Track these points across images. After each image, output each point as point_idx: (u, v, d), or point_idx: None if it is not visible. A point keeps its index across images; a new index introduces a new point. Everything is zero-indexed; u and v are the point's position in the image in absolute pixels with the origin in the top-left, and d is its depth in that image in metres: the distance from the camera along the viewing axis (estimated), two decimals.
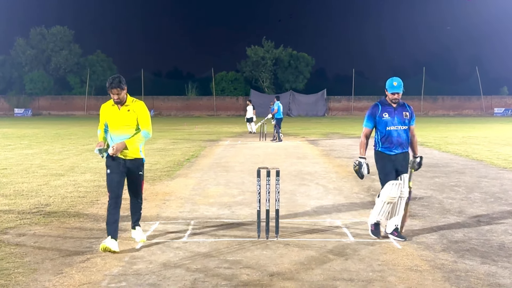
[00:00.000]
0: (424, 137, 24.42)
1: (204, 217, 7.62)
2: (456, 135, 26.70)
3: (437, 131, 30.65)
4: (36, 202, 8.65)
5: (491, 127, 36.02)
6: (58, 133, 27.94)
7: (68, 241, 6.25)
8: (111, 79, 5.92)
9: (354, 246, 6.09)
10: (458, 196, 9.32)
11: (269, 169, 6.50)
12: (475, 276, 5.02)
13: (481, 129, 33.17)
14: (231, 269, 5.23)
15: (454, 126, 37.63)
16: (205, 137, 25.81)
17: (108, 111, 6.09)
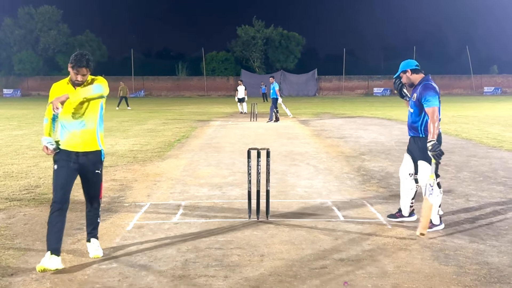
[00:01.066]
0: None
1: (195, 198, 7.62)
2: (446, 114, 26.76)
3: None
4: (26, 183, 8.61)
5: (480, 106, 36.17)
6: None
7: None
8: (80, 56, 4.76)
9: (344, 225, 6.12)
10: (448, 175, 9.37)
11: (259, 149, 6.49)
12: (463, 255, 5.07)
13: (470, 108, 33.29)
14: (222, 249, 5.24)
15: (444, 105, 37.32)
16: (196, 117, 25.74)
17: (62, 93, 4.81)
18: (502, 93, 66.30)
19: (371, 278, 4.47)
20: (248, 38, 74.76)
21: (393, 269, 4.68)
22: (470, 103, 40.61)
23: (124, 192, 7.97)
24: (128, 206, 7.10)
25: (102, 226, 6.04)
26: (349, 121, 22.89)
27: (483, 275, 4.54)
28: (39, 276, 4.50)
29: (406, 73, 6.21)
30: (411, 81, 6.21)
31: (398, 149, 13.00)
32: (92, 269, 4.70)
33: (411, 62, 6.25)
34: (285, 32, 76.16)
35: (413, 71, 6.17)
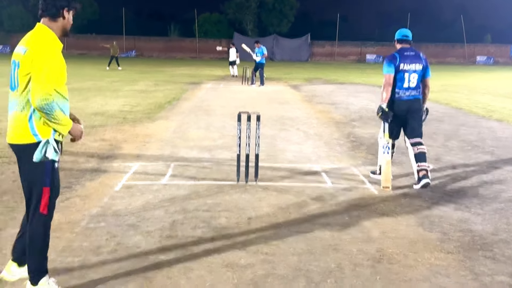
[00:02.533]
0: None
1: (184, 160, 7.63)
2: (437, 83, 26.76)
3: None
4: None
5: (472, 75, 36.15)
6: None
7: None
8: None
9: (331, 191, 6.17)
10: (436, 143, 9.43)
11: (249, 113, 6.47)
12: (448, 222, 5.14)
13: (462, 77, 33.27)
14: (209, 212, 5.27)
15: (435, 74, 37.46)
16: (187, 79, 25.54)
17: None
18: (494, 63, 66.23)
19: (356, 243, 4.53)
20: (242, 0, 73.78)
21: (378, 235, 4.74)
22: (462, 72, 40.59)
23: (113, 152, 7.95)
24: (117, 166, 7.09)
25: (91, 186, 6.06)
26: (341, 87, 22.82)
27: (466, 242, 4.62)
28: None
29: (395, 42, 6.78)
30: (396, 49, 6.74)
31: None
32: (80, 227, 4.72)
33: (400, 32, 6.75)
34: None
35: (398, 41, 6.72)
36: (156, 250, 4.28)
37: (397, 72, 6.49)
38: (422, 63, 6.60)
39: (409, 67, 6.50)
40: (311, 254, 4.27)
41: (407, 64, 6.50)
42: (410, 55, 6.56)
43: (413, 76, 6.52)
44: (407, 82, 6.51)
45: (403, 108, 6.53)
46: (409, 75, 6.50)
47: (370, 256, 4.26)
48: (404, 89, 6.53)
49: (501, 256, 4.35)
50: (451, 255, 4.33)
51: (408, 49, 6.65)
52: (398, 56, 6.53)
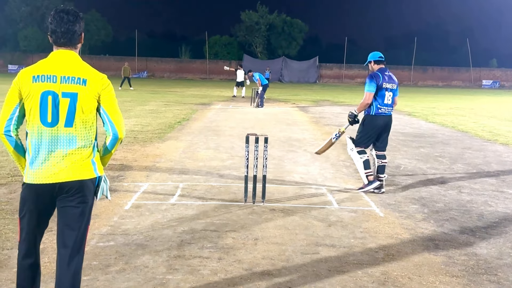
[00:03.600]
0: (412, 107, 24.47)
1: (193, 180, 7.64)
2: (444, 106, 26.77)
3: (425, 101, 30.69)
4: None
5: (478, 99, 36.11)
6: None
7: None
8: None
9: (337, 213, 6.15)
10: (442, 166, 9.40)
11: (258, 135, 6.50)
12: (453, 245, 5.11)
13: (468, 100, 33.24)
14: (217, 232, 5.27)
15: (442, 97, 37.67)
16: (197, 100, 25.69)
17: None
18: (500, 87, 66.14)
19: (361, 265, 4.50)
20: (252, 23, 74.39)
21: (383, 257, 4.71)
22: (468, 96, 40.54)
23: (123, 172, 7.99)
24: (127, 185, 7.12)
25: (101, 205, 6.07)
26: (348, 109, 22.76)
27: (471, 266, 4.58)
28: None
29: (370, 63, 7.34)
30: (373, 69, 7.28)
31: (394, 138, 13.00)
32: (89, 246, 4.73)
33: (375, 54, 7.34)
34: (288, 18, 75.72)
35: (375, 62, 7.28)
36: (164, 269, 4.28)
37: (380, 89, 7.04)
38: (395, 83, 7.25)
39: (389, 85, 7.10)
40: (316, 276, 4.25)
41: (388, 83, 7.08)
42: (388, 75, 7.17)
43: (390, 94, 7.13)
44: (386, 99, 7.10)
45: (382, 122, 7.16)
46: (388, 93, 7.09)
47: (375, 278, 4.24)
48: (384, 105, 7.12)
49: (505, 280, 4.31)
50: (456, 279, 4.29)
51: (386, 70, 7.25)
52: (380, 75, 7.08)
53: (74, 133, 2.97)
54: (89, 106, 2.99)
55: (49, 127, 2.94)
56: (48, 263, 4.28)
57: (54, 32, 3.01)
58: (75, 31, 3.04)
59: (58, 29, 3.00)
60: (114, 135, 3.11)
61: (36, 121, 2.96)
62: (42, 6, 73.46)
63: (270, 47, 76.25)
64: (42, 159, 2.96)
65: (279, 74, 65.96)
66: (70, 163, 2.99)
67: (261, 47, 75.62)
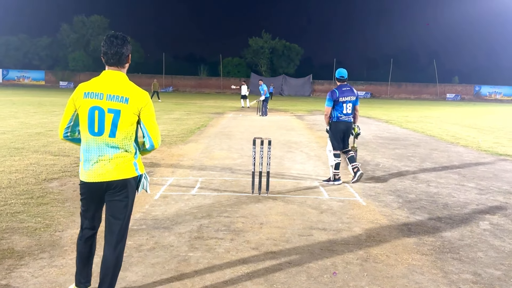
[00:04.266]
0: (389, 116, 24.36)
1: (210, 175, 7.64)
2: (415, 115, 26.62)
3: (399, 111, 30.54)
4: (76, 159, 8.64)
5: (442, 109, 35.89)
6: None
7: None
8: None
9: (328, 202, 6.13)
10: (413, 164, 9.35)
11: (262, 139, 6.49)
12: (423, 229, 5.07)
13: (435, 110, 33.04)
14: (229, 217, 5.27)
15: (413, 107, 37.46)
16: (213, 110, 25.68)
17: None
18: (461, 99, 65.74)
19: (348, 245, 4.48)
20: (258, 47, 74.44)
21: (365, 238, 4.69)
22: (435, 107, 40.32)
23: (153, 168, 8.00)
24: (156, 179, 7.12)
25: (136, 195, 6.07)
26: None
27: (437, 246, 4.55)
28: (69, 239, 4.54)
29: (335, 79, 7.35)
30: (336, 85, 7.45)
31: (374, 141, 12.96)
32: None
33: (338, 72, 7.43)
34: (287, 43, 75.64)
35: (337, 79, 7.41)
36: (186, 248, 4.28)
37: (337, 102, 7.23)
38: (354, 95, 7.34)
39: (346, 98, 7.24)
40: (311, 254, 4.24)
41: (344, 97, 7.23)
42: (346, 90, 7.28)
43: (348, 105, 7.29)
44: (345, 109, 7.28)
45: (343, 127, 7.36)
46: (346, 104, 7.26)
47: (359, 256, 4.22)
48: (343, 114, 7.30)
49: (465, 258, 4.28)
50: (425, 257, 4.27)
51: (345, 85, 7.34)
52: (337, 92, 7.23)
53: (116, 143, 2.98)
54: (130, 121, 2.97)
55: (96, 136, 2.97)
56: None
57: (105, 54, 3.01)
58: (122, 53, 3.02)
59: (109, 51, 3.00)
60: (151, 145, 3.12)
61: (85, 131, 2.99)
62: (87, 33, 73.78)
63: (273, 67, 76.19)
64: (92, 162, 2.99)
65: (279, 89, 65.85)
66: (115, 165, 3.00)
67: (265, 66, 75.56)
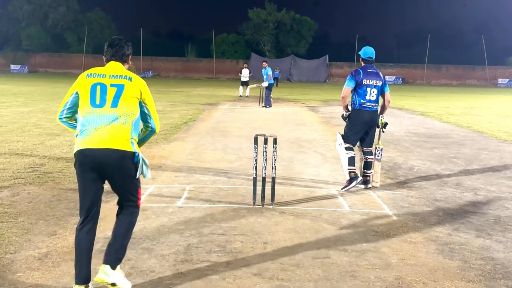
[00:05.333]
0: (425, 107, 24.38)
1: (200, 182, 7.65)
2: (458, 105, 26.65)
3: (439, 100, 30.57)
4: (31, 161, 8.67)
5: (494, 98, 35.93)
6: (54, 92, 27.81)
7: (63, 202, 6.28)
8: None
9: (349, 215, 6.14)
10: (457, 168, 9.35)
11: (266, 136, 6.50)
12: (469, 250, 5.08)
13: (484, 100, 33.07)
14: (225, 235, 5.27)
15: (456, 96, 37.51)
16: (204, 100, 25.73)
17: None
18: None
19: (374, 270, 4.49)
20: (260, 21, 74.51)
21: (396, 261, 4.70)
22: (483, 95, 40.34)
23: None
24: None
25: (106, 207, 6.08)
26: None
27: (487, 271, 4.56)
28: (42, 255, 4.56)
29: (360, 59, 7.75)
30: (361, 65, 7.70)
31: (407, 139, 12.97)
32: (94, 250, 4.73)
33: (364, 52, 7.62)
34: (297, 16, 75.80)
35: (363, 60, 7.65)
36: (171, 274, 4.29)
37: (360, 85, 7.47)
38: (381, 80, 7.59)
39: (371, 82, 7.47)
40: (327, 280, 4.25)
41: (369, 80, 7.47)
42: (372, 72, 7.54)
43: (373, 91, 7.48)
44: (369, 95, 7.48)
45: (367, 117, 7.53)
46: (370, 89, 7.47)
47: (388, 283, 4.23)
48: (367, 101, 7.49)
49: None
50: (472, 284, 4.27)
51: (371, 67, 7.59)
52: (361, 72, 7.50)
53: (117, 113, 3.79)
54: (133, 95, 3.87)
55: (97, 108, 3.78)
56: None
57: (107, 52, 4.05)
58: (124, 52, 4.08)
59: (112, 49, 4.05)
60: (152, 129, 4.11)
61: (86, 104, 3.81)
62: (45, 4, 73.90)
63: (279, 46, 76.32)
64: (88, 132, 3.76)
65: (288, 73, 65.96)
66: (111, 135, 3.75)
67: (269, 45, 75.70)
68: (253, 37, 75.52)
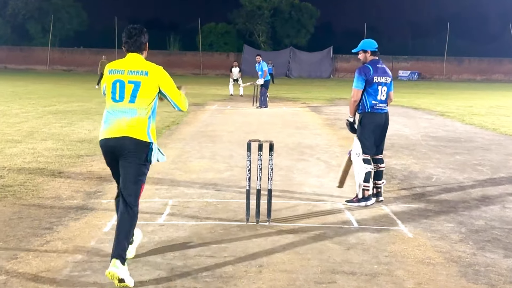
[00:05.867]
0: (445, 106, 24.47)
1: (185, 196, 7.65)
2: (483, 104, 26.76)
3: (461, 99, 30.69)
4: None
5: None
6: (15, 91, 27.76)
7: (25, 221, 6.26)
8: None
9: (357, 233, 6.14)
10: (482, 177, 9.38)
11: (261, 141, 6.50)
12: (496, 272, 5.09)
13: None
14: (214, 257, 5.27)
15: (481, 93, 37.66)
16: (189, 100, 25.65)
17: None
18: None
19: None
20: (253, 8, 74.62)
21: (413, 286, 4.71)
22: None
23: (102, 187, 8.00)
24: (106, 203, 7.12)
25: (76, 226, 6.08)
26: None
27: None
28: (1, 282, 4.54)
29: (366, 52, 7.50)
30: (366, 60, 7.50)
31: (424, 144, 13.01)
32: (61, 276, 4.73)
33: (372, 43, 7.53)
34: (296, 2, 75.99)
35: (372, 52, 7.49)
36: None
37: (371, 84, 7.33)
38: (390, 77, 7.53)
39: (381, 79, 7.39)
40: None
41: (379, 77, 7.37)
42: (381, 68, 7.45)
43: (384, 89, 7.42)
44: (380, 94, 7.40)
45: (380, 120, 7.47)
46: (381, 87, 7.39)
47: None
48: (379, 101, 7.41)
49: None
50: None
51: (379, 61, 7.50)
52: (371, 68, 7.35)
53: (134, 107, 4.73)
54: (150, 91, 4.78)
55: (117, 103, 4.75)
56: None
57: (126, 43, 4.91)
58: (141, 42, 4.95)
59: (130, 40, 4.90)
60: (179, 109, 5.13)
61: (109, 99, 4.81)
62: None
63: (275, 36, 76.52)
64: (109, 123, 4.77)
65: (286, 68, 66.15)
66: (128, 126, 4.70)
67: (265, 36, 75.86)
68: (246, 26, 75.63)
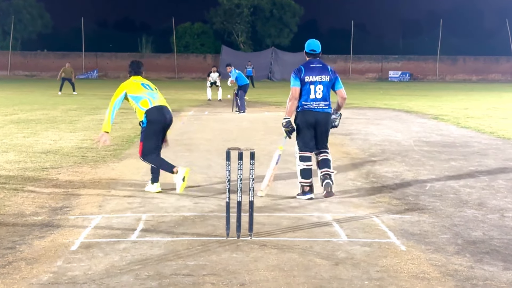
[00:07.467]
0: (438, 109, 24.65)
1: (159, 209, 7.63)
2: (479, 106, 26.98)
3: (455, 100, 30.92)
4: None
5: None
6: None
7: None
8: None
9: (347, 247, 6.15)
10: (479, 184, 9.44)
11: (241, 149, 6.50)
12: (495, 285, 5.11)
13: (510, 98, 33.48)
14: (192, 276, 5.25)
15: (477, 94, 37.96)
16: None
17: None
18: None
19: None
20: (232, 6, 74.82)
21: None
22: (510, 93, 40.85)
23: (69, 202, 7.95)
24: (74, 219, 7.09)
25: (40, 245, 6.03)
26: (357, 113, 22.98)
27: None
28: None
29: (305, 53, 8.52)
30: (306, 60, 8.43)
31: (417, 150, 13.08)
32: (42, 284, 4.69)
33: (309, 44, 8.47)
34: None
35: (306, 54, 8.48)
36: None
37: (304, 84, 8.17)
38: (328, 74, 8.30)
39: (315, 78, 8.17)
40: None
41: (312, 76, 8.17)
42: (316, 67, 8.25)
43: (319, 88, 8.20)
44: (313, 93, 8.18)
45: (311, 119, 8.24)
46: (315, 87, 8.18)
47: None
48: (311, 100, 8.21)
49: None
50: None
51: (316, 61, 8.33)
52: (303, 69, 8.24)
53: (160, 95, 9.03)
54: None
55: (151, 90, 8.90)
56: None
57: (135, 70, 8.90)
58: (142, 71, 8.98)
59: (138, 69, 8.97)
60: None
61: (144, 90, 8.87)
62: None
63: (256, 36, 76.74)
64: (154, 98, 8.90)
65: (267, 70, 66.28)
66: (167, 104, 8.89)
67: (244, 36, 76.06)
68: (224, 26, 75.81)
